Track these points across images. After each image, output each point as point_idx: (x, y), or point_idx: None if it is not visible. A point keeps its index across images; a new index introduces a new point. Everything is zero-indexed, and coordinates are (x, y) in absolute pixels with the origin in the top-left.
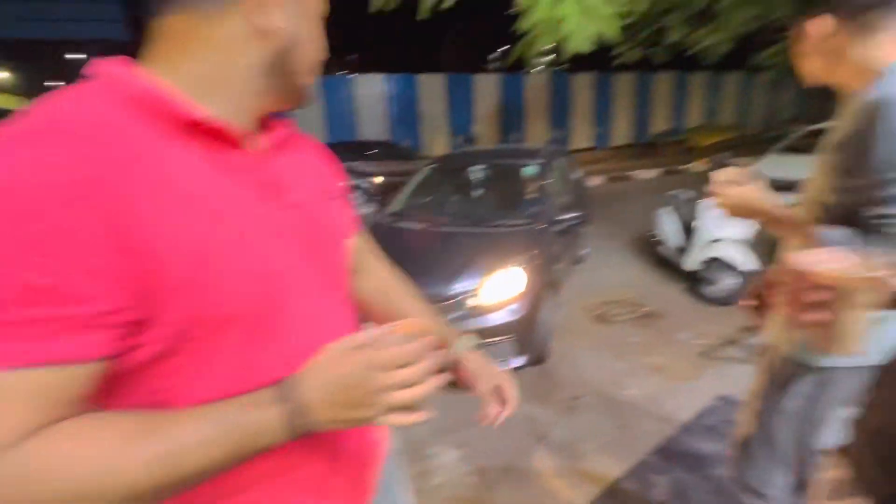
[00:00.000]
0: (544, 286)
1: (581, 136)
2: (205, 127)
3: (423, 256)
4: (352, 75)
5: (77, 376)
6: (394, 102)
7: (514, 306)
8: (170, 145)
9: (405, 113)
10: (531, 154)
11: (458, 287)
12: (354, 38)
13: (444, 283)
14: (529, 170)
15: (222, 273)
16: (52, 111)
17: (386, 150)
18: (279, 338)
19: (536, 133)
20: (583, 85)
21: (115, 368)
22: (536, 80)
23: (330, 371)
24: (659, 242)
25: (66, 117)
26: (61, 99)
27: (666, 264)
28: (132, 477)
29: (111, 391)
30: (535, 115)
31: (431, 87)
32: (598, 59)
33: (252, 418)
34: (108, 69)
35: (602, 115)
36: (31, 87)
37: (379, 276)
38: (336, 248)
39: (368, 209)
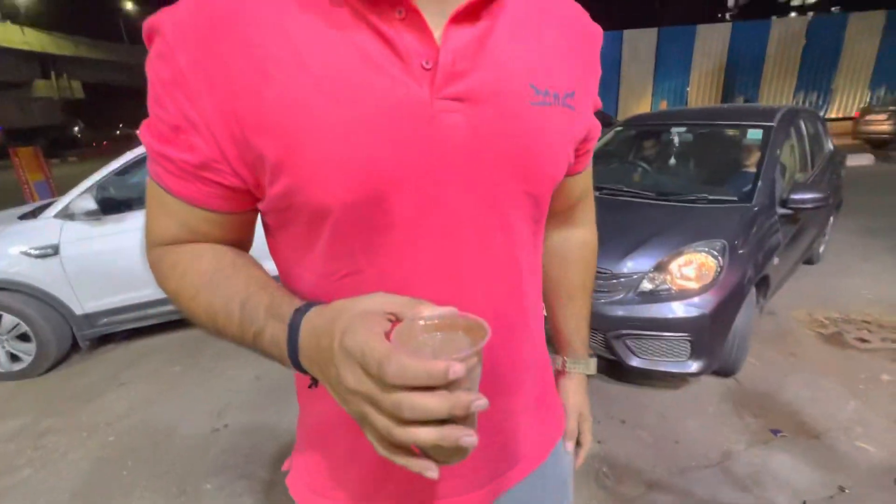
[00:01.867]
0: (747, 282)
1: (851, 99)
2: None
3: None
4: None
5: (197, 216)
6: None
7: (697, 299)
8: (315, 5)
9: (604, 75)
10: (759, 115)
11: (631, 265)
12: None
13: (615, 258)
14: (753, 134)
15: (315, 154)
16: None
17: None
18: (383, 249)
19: (778, 97)
20: (863, 29)
21: (245, 222)
22: (789, 26)
23: (328, 325)
24: None
25: None
26: None
27: None
28: (190, 308)
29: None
30: (781, 74)
31: (638, 45)
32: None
33: (263, 325)
34: None
35: (890, 71)
36: None
37: (564, 264)
38: (517, 162)
39: None
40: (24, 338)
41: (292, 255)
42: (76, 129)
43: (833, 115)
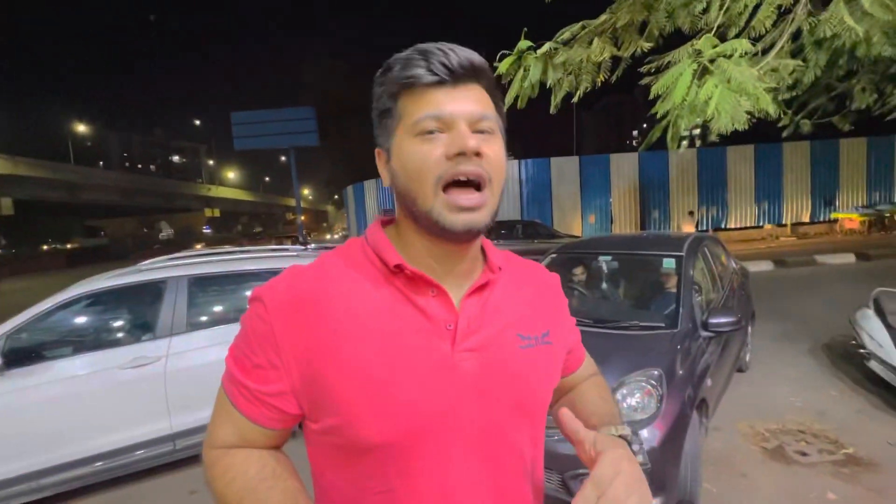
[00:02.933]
0: (688, 406)
1: (740, 212)
2: (404, 271)
3: None
4: None
5: (255, 430)
6: (527, 185)
7: (645, 431)
8: (373, 286)
9: (538, 194)
10: (670, 244)
11: None
12: None
13: None
14: (668, 263)
15: (369, 401)
16: (323, 255)
17: (530, 229)
18: (413, 473)
19: (685, 211)
20: (740, 158)
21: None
22: (682, 156)
23: None
24: (868, 355)
25: (320, 259)
26: (339, 247)
27: (883, 386)
28: None
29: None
30: (682, 192)
31: (565, 169)
32: (757, 130)
33: None
34: (372, 230)
35: (767, 189)
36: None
37: (576, 392)
38: (514, 394)
39: None
40: None
41: (329, 465)
42: None
43: (732, 226)
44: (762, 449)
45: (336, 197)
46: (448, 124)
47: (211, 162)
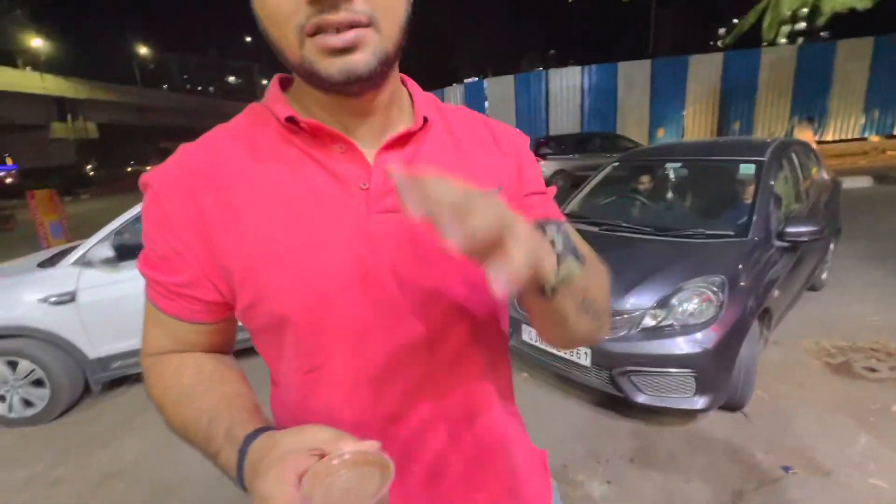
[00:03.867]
0: (748, 316)
1: (842, 122)
2: (303, 126)
3: None
4: (545, 70)
5: (182, 328)
6: (590, 94)
7: (699, 335)
8: (271, 148)
9: (601, 105)
10: (751, 149)
11: (633, 301)
12: (554, 33)
13: (616, 294)
14: (745, 169)
15: (274, 273)
16: (218, 126)
17: (610, 142)
18: (335, 347)
19: (773, 121)
20: (853, 54)
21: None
22: (779, 54)
23: (257, 463)
24: None
25: (212, 130)
26: (236, 115)
27: None
28: (169, 416)
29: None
30: (772, 100)
31: (634, 76)
32: (875, 21)
33: (221, 446)
34: (269, 89)
35: (883, 94)
36: None
37: None
38: (445, 258)
39: None
40: (37, 383)
41: (267, 355)
42: (89, 167)
43: (829, 138)
44: (825, 364)
45: None
46: None
47: (264, 81)
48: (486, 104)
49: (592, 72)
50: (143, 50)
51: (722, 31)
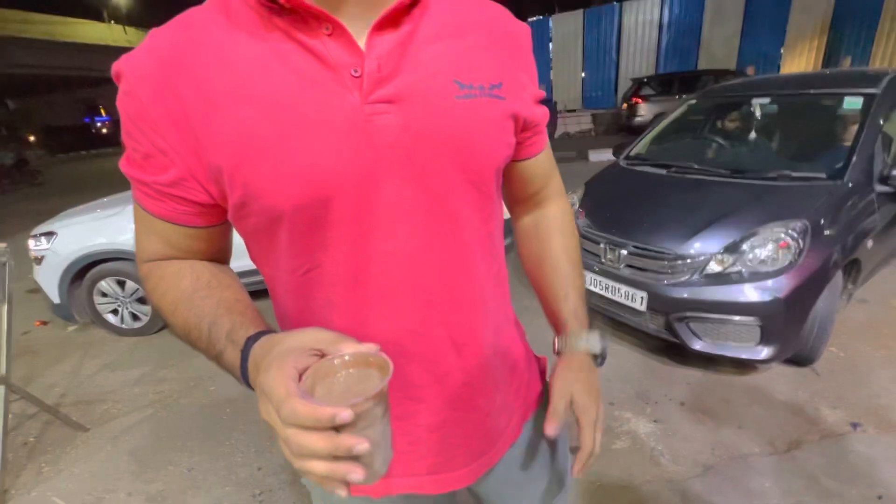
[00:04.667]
0: (831, 266)
1: None
2: (284, 4)
3: (660, 206)
4: (618, 2)
5: (176, 232)
6: (669, 30)
7: (770, 282)
8: (252, 32)
9: (681, 42)
10: (860, 80)
11: (697, 246)
12: None
13: (678, 238)
14: (851, 104)
15: (263, 168)
16: (193, 8)
17: (726, 80)
18: (335, 243)
19: (888, 61)
20: None
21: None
22: None
23: (259, 360)
24: None
25: (184, 13)
26: None
27: None
28: (169, 320)
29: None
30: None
31: (725, 4)
32: None
33: (224, 347)
34: None
35: None
36: None
37: (541, 238)
38: (451, 152)
39: None
40: (141, 301)
41: (262, 257)
42: None
43: None
44: None
45: None
46: None
47: None
48: (550, 46)
49: (674, 2)
50: None
51: None
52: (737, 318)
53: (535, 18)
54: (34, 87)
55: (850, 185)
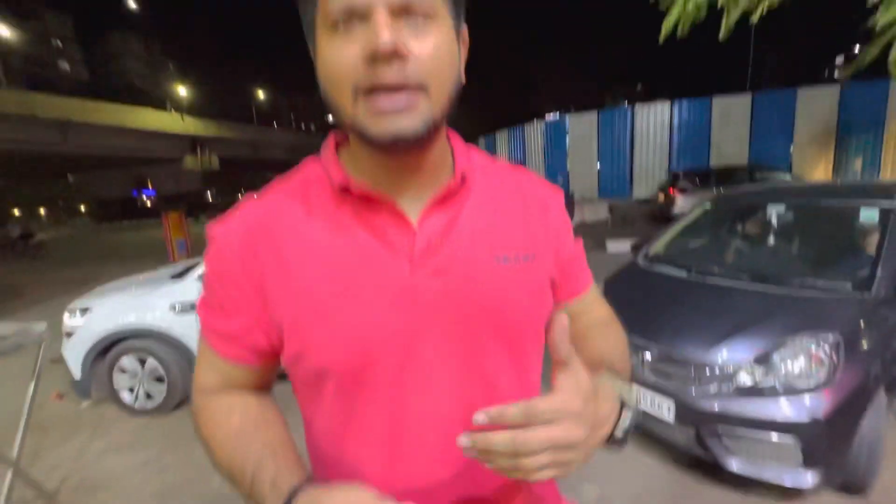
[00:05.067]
0: (872, 383)
1: None
2: (353, 192)
3: (683, 310)
4: (630, 106)
5: (234, 370)
6: (680, 131)
7: (808, 398)
8: (325, 209)
9: (692, 142)
10: (872, 192)
11: (726, 354)
12: (641, 66)
13: (705, 344)
14: (867, 214)
15: (317, 328)
16: (277, 179)
17: (757, 175)
18: (375, 403)
19: None
20: None
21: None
22: None
23: None
24: None
25: (273, 185)
26: (294, 168)
27: None
28: (216, 456)
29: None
30: None
31: (731, 111)
32: None
33: (267, 495)
34: (324, 147)
35: None
36: None
37: (577, 328)
38: (488, 316)
39: None
40: (159, 379)
41: (306, 404)
42: (209, 193)
43: None
44: None
45: None
46: (363, 12)
47: None
48: (567, 140)
49: (683, 107)
50: (260, 94)
51: (839, 60)
52: (774, 436)
53: (552, 117)
54: (98, 164)
55: (880, 296)
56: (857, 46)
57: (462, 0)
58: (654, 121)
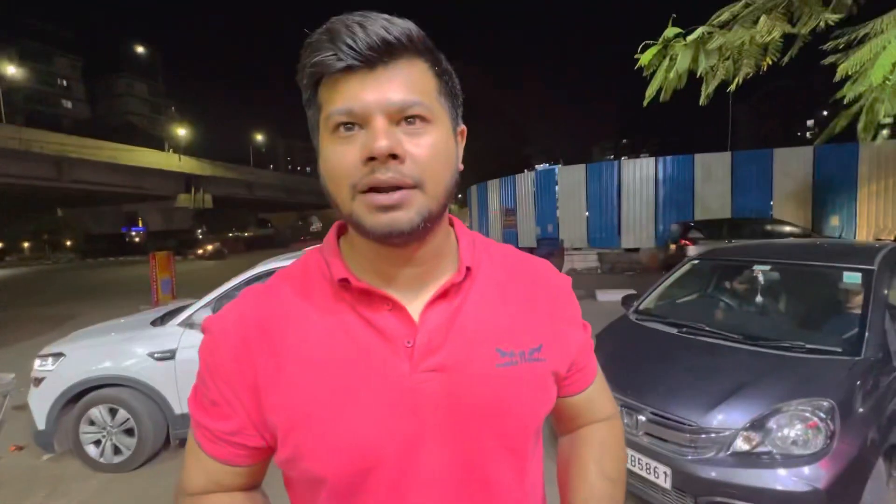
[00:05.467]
0: (870, 450)
1: None
2: (352, 287)
3: (673, 369)
4: (616, 160)
5: (224, 471)
6: (664, 185)
7: (808, 469)
8: (324, 305)
9: (677, 196)
10: (856, 254)
11: (721, 419)
12: (626, 124)
13: (700, 408)
14: (850, 278)
15: (312, 435)
16: (279, 272)
17: (769, 227)
18: None
19: (881, 216)
20: None
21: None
22: (880, 149)
23: None
24: None
25: (274, 278)
26: (296, 260)
27: None
28: None
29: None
30: (876, 194)
31: (713, 167)
32: None
33: None
34: (327, 238)
35: None
36: None
37: (575, 445)
38: (490, 421)
39: None
40: (128, 432)
41: (298, 499)
42: (199, 231)
43: None
44: None
45: (460, 196)
46: (363, 119)
47: None
48: (557, 189)
49: (667, 163)
50: (258, 136)
51: (811, 122)
52: None
53: (542, 166)
54: (87, 200)
55: (870, 360)
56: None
57: (459, 101)
58: (640, 175)
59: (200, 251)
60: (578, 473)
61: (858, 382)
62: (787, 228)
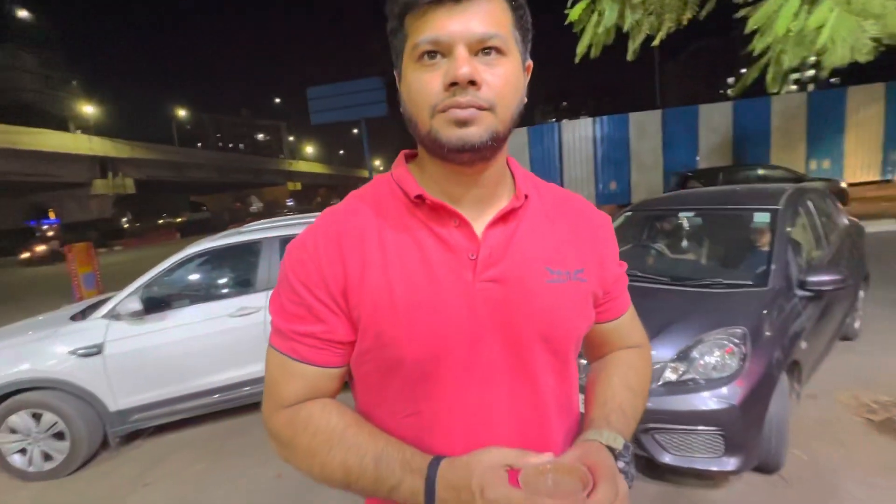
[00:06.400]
0: (775, 369)
1: (859, 165)
2: (426, 202)
3: None
4: (557, 122)
5: (322, 374)
6: (602, 144)
7: (724, 390)
8: (399, 220)
9: (614, 154)
10: (765, 197)
11: (652, 353)
12: (565, 87)
13: None
14: (760, 218)
15: (393, 322)
16: (352, 193)
17: (767, 173)
18: (437, 395)
19: (791, 165)
20: (866, 99)
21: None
22: (788, 101)
23: (463, 481)
24: None
25: (350, 199)
26: (367, 184)
27: None
28: (322, 462)
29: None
30: (786, 145)
31: (646, 125)
32: (888, 65)
33: (400, 478)
34: (396, 164)
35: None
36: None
37: (605, 364)
38: (537, 326)
39: None
40: (58, 436)
41: (368, 398)
42: (124, 220)
43: (850, 180)
44: (867, 420)
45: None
46: (446, 48)
47: (291, 138)
48: None
49: (604, 122)
50: (181, 112)
51: (731, 80)
52: (700, 428)
53: None
54: None
55: (775, 289)
56: (744, 70)
57: (529, 36)
58: (579, 135)
59: (28, 254)
60: (602, 382)
61: (765, 311)
62: (780, 173)
